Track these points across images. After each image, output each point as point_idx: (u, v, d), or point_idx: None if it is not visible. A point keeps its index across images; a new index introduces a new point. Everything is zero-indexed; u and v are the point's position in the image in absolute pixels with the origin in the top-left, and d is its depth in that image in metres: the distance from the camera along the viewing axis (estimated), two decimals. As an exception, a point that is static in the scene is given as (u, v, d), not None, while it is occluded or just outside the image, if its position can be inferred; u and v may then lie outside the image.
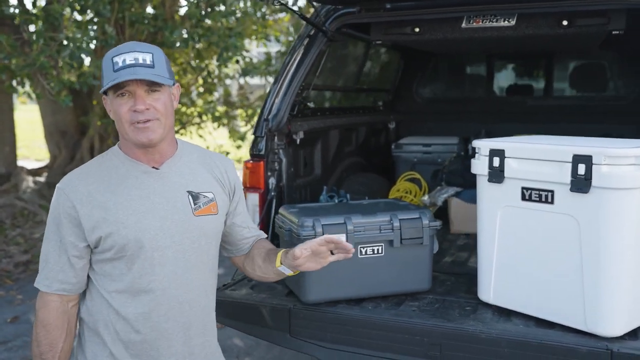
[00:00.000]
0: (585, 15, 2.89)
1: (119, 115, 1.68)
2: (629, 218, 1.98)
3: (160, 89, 1.69)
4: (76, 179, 1.75)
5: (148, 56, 1.67)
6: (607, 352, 1.97)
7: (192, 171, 1.83)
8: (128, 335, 1.73)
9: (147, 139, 1.69)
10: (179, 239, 1.75)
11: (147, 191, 1.74)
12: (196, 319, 1.80)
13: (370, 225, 2.40)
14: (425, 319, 2.26)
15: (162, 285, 1.73)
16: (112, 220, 1.69)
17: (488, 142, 2.28)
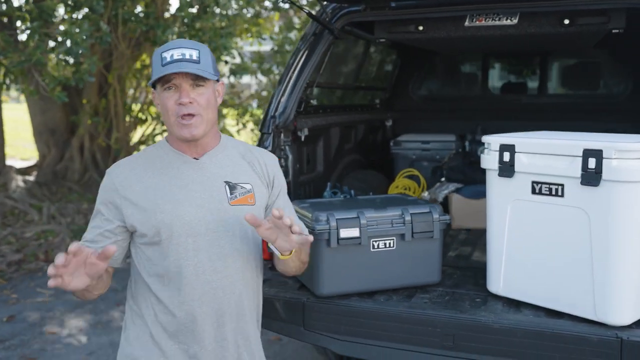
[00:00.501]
0: (586, 14, 2.96)
1: (166, 108, 1.78)
2: (638, 210, 2.04)
3: (205, 84, 1.77)
4: (122, 165, 1.88)
5: (194, 52, 1.76)
6: (617, 340, 2.03)
7: (233, 163, 1.91)
8: (165, 317, 1.82)
9: (190, 134, 1.78)
10: (214, 226, 1.82)
11: (186, 180, 1.83)
12: (229, 305, 1.86)
13: (382, 219, 2.45)
14: (438, 311, 2.31)
15: (196, 270, 1.80)
16: (148, 206, 1.79)
17: (498, 138, 2.34)
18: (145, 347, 1.83)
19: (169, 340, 1.82)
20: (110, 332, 4.66)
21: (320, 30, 3.14)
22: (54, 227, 6.88)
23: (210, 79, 1.79)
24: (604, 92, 4.76)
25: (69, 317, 4.93)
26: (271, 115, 3.03)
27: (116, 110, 8.12)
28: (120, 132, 8.26)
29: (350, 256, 2.42)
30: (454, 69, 5.32)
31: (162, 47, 1.80)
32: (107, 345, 4.44)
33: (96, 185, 8.47)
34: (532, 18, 3.02)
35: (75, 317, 4.95)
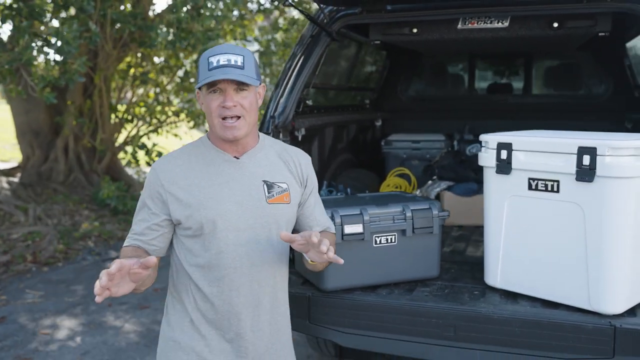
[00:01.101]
0: (575, 18, 3.08)
1: (210, 109, 1.88)
2: (630, 204, 2.16)
3: (248, 88, 1.88)
4: (167, 161, 1.98)
5: (239, 58, 1.86)
6: (611, 328, 2.15)
7: (270, 163, 2.01)
8: (204, 305, 1.93)
9: (233, 135, 1.89)
10: (252, 223, 1.93)
11: (227, 178, 1.93)
12: (265, 296, 1.98)
13: (384, 215, 2.54)
14: (439, 303, 2.40)
15: (234, 264, 1.91)
16: (193, 202, 1.89)
17: (496, 136, 2.44)
18: (185, 332, 1.95)
19: (207, 326, 1.94)
20: (103, 332, 4.67)
21: (318, 32, 3.21)
22: (41, 228, 6.86)
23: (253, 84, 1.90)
24: (586, 93, 4.91)
25: (61, 318, 4.93)
26: (270, 115, 3.10)
27: (101, 111, 8.10)
28: (106, 133, 8.24)
29: (353, 251, 2.50)
30: (441, 70, 5.43)
31: (209, 51, 1.90)
32: (101, 344, 4.46)
33: (81, 186, 8.44)
34: (523, 21, 3.14)
35: (67, 317, 4.95)
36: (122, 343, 4.50)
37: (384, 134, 5.09)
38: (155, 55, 8.20)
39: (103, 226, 7.45)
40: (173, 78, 8.69)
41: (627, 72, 4.43)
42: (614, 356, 2.14)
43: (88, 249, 6.90)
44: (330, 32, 3.16)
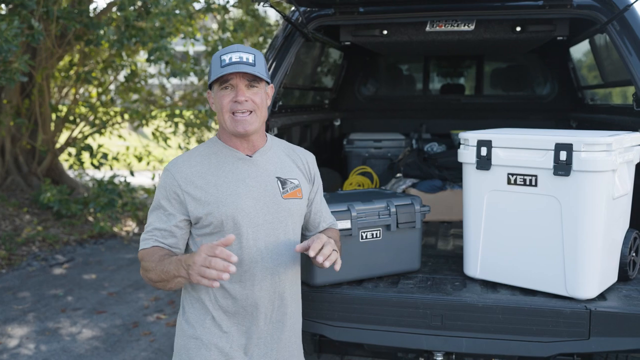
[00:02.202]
0: (536, 22, 3.27)
1: (221, 105, 1.93)
2: (602, 196, 2.33)
3: (258, 85, 1.94)
4: (181, 162, 2.00)
5: (251, 56, 1.92)
6: (587, 312, 2.31)
7: (280, 160, 2.07)
8: (226, 301, 1.95)
9: (244, 129, 1.93)
10: (270, 218, 1.98)
11: (243, 175, 1.97)
12: (284, 289, 2.03)
13: (370, 211, 2.61)
14: (425, 294, 2.50)
15: (254, 258, 1.95)
16: (212, 200, 1.92)
17: (476, 134, 2.57)
18: (207, 328, 1.97)
19: (229, 322, 1.98)
20: (60, 339, 4.53)
21: (291, 32, 3.26)
22: (-20, 233, 6.54)
23: (263, 81, 1.95)
24: (533, 94, 5.19)
25: (12, 327, 4.74)
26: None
27: (41, 110, 7.80)
28: (47, 134, 7.93)
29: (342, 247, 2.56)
30: (397, 71, 5.59)
31: (221, 50, 1.96)
32: (60, 351, 4.33)
33: (20, 189, 8.09)
34: (488, 25, 3.30)
35: (18, 326, 4.77)
36: (81, 349, 4.38)
37: (342, 133, 5.19)
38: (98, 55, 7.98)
39: (47, 230, 7.19)
40: (116, 77, 8.48)
41: (571, 75, 4.72)
42: (589, 337, 2.30)
43: (32, 254, 6.64)
44: (306, 33, 3.21)
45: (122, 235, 7.73)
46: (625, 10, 2.82)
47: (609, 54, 3.65)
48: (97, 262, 6.58)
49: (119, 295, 5.57)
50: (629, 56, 2.83)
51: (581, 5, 2.93)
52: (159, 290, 5.63)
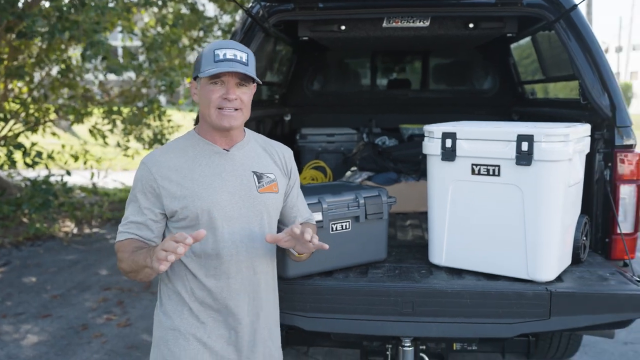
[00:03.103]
0: (487, 20, 3.42)
1: (208, 99, 1.92)
2: (560, 184, 2.48)
3: (248, 85, 1.96)
4: (158, 155, 2.01)
5: (244, 55, 1.95)
6: (548, 293, 2.45)
7: (257, 155, 2.08)
8: (202, 292, 1.97)
9: (229, 124, 1.94)
10: (245, 212, 1.99)
11: (219, 169, 1.98)
12: (259, 282, 2.05)
13: (340, 203, 2.67)
14: (396, 282, 2.58)
15: (230, 251, 1.97)
16: (187, 194, 1.92)
17: (440, 127, 2.66)
18: (184, 319, 1.99)
19: (205, 313, 1.99)
20: (3, 345, 4.36)
21: (251, 27, 3.25)
22: None
23: (252, 81, 1.98)
24: (477, 88, 5.39)
25: (-48, 334, 4.51)
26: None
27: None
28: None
29: (312, 239, 2.59)
30: (346, 67, 5.67)
31: (214, 44, 1.97)
32: (5, 358, 4.15)
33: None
34: (442, 21, 3.42)
35: (-42, 333, 4.54)
36: (29, 355, 4.22)
37: (292, 128, 5.22)
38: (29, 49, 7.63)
39: (-21, 232, 6.85)
40: (49, 73, 8.13)
41: (512, 70, 4.95)
42: (550, 317, 2.45)
43: (-35, 257, 6.32)
44: (266, 28, 3.22)
45: (61, 237, 7.46)
46: (572, 9, 2.99)
47: (551, 50, 3.85)
48: (36, 265, 6.33)
49: (64, 297, 5.38)
50: (574, 52, 3.00)
51: (530, 4, 3.08)
52: (106, 291, 5.52)
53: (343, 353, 4.18)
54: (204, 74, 1.91)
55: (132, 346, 4.32)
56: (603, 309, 2.44)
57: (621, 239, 2.82)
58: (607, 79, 2.90)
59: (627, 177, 2.86)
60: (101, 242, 7.33)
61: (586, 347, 4.26)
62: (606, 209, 2.91)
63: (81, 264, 6.44)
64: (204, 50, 1.97)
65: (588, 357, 4.14)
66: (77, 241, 7.37)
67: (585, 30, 3.00)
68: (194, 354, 1.98)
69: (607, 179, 2.88)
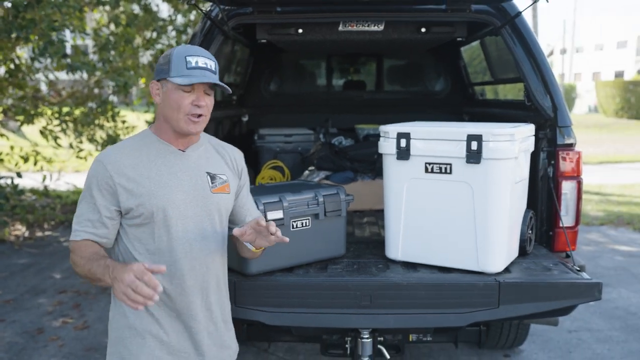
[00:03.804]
0: (438, 24, 3.57)
1: (178, 105, 1.98)
2: (508, 180, 2.64)
3: (212, 92, 2.03)
4: (113, 153, 2.03)
5: (213, 64, 2.03)
6: (497, 284, 2.60)
7: (210, 156, 2.15)
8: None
9: (195, 130, 2.03)
10: (199, 211, 2.06)
11: (174, 169, 2.04)
12: (211, 279, 2.13)
13: (300, 201, 2.76)
14: (354, 276, 2.69)
15: (184, 249, 2.03)
16: (143, 192, 1.97)
17: (395, 127, 2.79)
18: (139, 317, 2.03)
19: (160, 310, 2.04)
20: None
21: (211, 30, 3.31)
22: None
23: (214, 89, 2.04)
24: (429, 90, 5.58)
25: None
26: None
27: None
28: None
29: (274, 236, 2.68)
30: (302, 68, 5.77)
31: (183, 48, 2.01)
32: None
33: None
34: (395, 26, 3.55)
35: None
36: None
37: (249, 129, 5.28)
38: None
39: None
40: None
41: (463, 72, 5.14)
42: (499, 306, 2.60)
43: None
44: (226, 31, 3.28)
45: (12, 240, 7.30)
46: (517, 16, 3.17)
47: (499, 54, 4.04)
48: (-14, 269, 6.20)
49: (17, 302, 5.29)
50: (519, 56, 3.18)
51: (479, 11, 3.25)
52: (61, 294, 5.45)
53: (302, 349, 4.28)
54: (178, 80, 1.96)
55: (91, 348, 4.31)
56: (547, 297, 2.61)
57: (563, 232, 3.00)
58: (549, 82, 3.08)
59: (569, 173, 3.05)
60: (54, 245, 7.21)
61: (533, 336, 4.48)
62: (550, 204, 3.10)
63: (34, 267, 6.33)
64: (173, 54, 2.01)
65: (535, 346, 4.36)
66: (29, 245, 7.23)
67: (529, 36, 3.18)
68: (151, 350, 2.03)
69: (550, 175, 3.07)
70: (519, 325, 3.83)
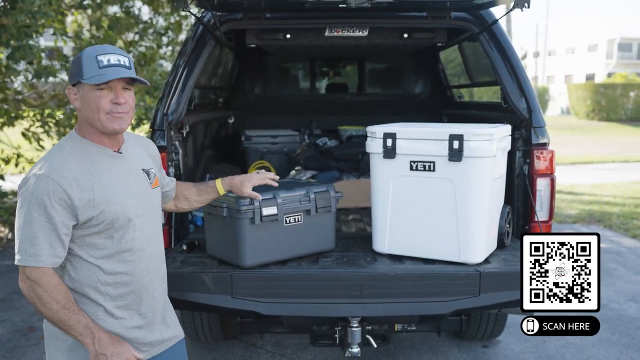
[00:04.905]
0: (419, 31, 3.77)
1: (97, 105, 2.00)
2: (487, 177, 2.83)
3: (131, 88, 2.07)
4: (59, 166, 1.98)
5: (126, 59, 2.04)
6: (477, 273, 2.79)
7: (138, 153, 2.26)
8: (116, 291, 2.10)
9: (120, 127, 2.06)
10: (147, 208, 2.19)
11: (120, 172, 2.11)
12: (162, 269, 2.30)
13: (293, 198, 2.92)
14: (344, 268, 2.86)
15: (141, 245, 2.14)
16: (101, 200, 2.02)
17: (382, 128, 2.96)
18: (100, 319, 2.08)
19: (119, 310, 2.12)
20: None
21: (203, 35, 3.45)
22: None
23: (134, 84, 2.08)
24: (409, 92, 5.78)
25: None
26: (163, 113, 3.27)
27: None
28: None
29: (268, 231, 2.84)
30: (286, 71, 5.93)
31: (92, 49, 2.01)
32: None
33: None
34: (379, 31, 3.74)
35: None
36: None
37: (235, 130, 5.43)
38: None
39: None
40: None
41: (441, 76, 5.35)
42: (480, 294, 2.79)
43: None
44: (218, 36, 3.43)
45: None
46: (493, 23, 3.37)
47: (476, 58, 4.25)
48: (-28, 271, 6.22)
49: (5, 302, 5.35)
50: (496, 61, 3.39)
51: (458, 18, 3.45)
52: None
53: (290, 343, 4.42)
54: (91, 80, 1.95)
55: (83, 345, 4.39)
56: (524, 285, 2.80)
57: (538, 226, 3.21)
58: (524, 85, 3.29)
59: (543, 171, 3.26)
60: (39, 246, 7.23)
61: (510, 327, 4.69)
62: (525, 200, 3.30)
63: (20, 268, 6.35)
64: (83, 56, 1.99)
65: (512, 337, 4.57)
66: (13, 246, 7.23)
67: (505, 42, 3.39)
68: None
69: (526, 173, 3.27)
70: (497, 316, 4.03)
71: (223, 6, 3.33)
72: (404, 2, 3.30)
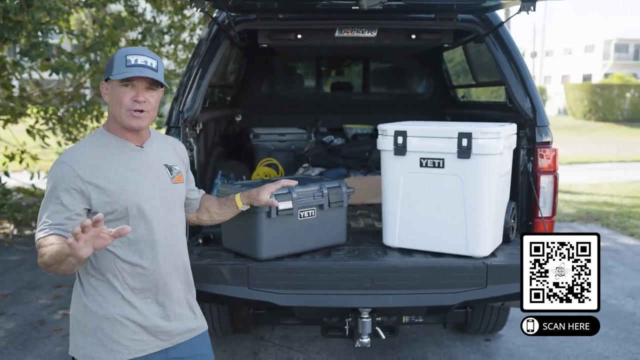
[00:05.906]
0: (427, 32, 3.87)
1: (120, 101, 2.14)
2: (494, 173, 2.94)
3: (156, 89, 2.19)
4: (77, 154, 2.14)
5: (154, 62, 2.17)
6: (485, 266, 2.91)
7: (164, 150, 2.36)
8: (133, 278, 2.19)
9: (137, 125, 2.18)
10: (166, 201, 2.27)
11: (138, 164, 2.22)
12: (182, 261, 2.37)
13: (307, 193, 3.02)
14: (357, 261, 2.97)
15: (158, 236, 2.23)
16: (115, 189, 2.13)
17: (393, 126, 3.07)
18: (118, 306, 2.17)
19: (136, 297, 2.19)
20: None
21: (217, 35, 3.55)
22: None
23: (160, 86, 2.19)
24: (413, 92, 5.89)
25: None
26: (179, 111, 3.37)
27: None
28: None
29: (283, 225, 2.95)
30: (293, 70, 6.03)
31: (126, 49, 2.15)
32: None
33: None
34: (388, 32, 3.84)
35: None
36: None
37: (242, 128, 5.53)
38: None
39: None
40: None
41: (445, 76, 5.46)
42: (487, 286, 2.90)
43: None
44: (233, 36, 3.53)
45: (1, 238, 7.40)
46: (499, 26, 3.48)
47: (481, 59, 4.36)
48: (-21, 266, 6.31)
49: (15, 296, 5.44)
50: (501, 62, 3.50)
51: (464, 20, 3.56)
52: (58, 288, 5.60)
53: (297, 337, 4.53)
54: (116, 76, 2.09)
55: (95, 337, 4.49)
56: (529, 278, 2.91)
57: (542, 221, 3.32)
58: (528, 85, 3.40)
59: (546, 169, 3.37)
60: (45, 242, 7.31)
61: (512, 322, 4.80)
62: (529, 196, 3.41)
63: (28, 263, 6.45)
64: (116, 55, 2.14)
65: (513, 331, 4.68)
66: (20, 242, 7.34)
67: (510, 43, 3.50)
68: (131, 334, 2.17)
69: (530, 170, 3.38)
70: (500, 310, 4.15)
71: (238, 7, 3.43)
72: (414, 4, 3.41)
